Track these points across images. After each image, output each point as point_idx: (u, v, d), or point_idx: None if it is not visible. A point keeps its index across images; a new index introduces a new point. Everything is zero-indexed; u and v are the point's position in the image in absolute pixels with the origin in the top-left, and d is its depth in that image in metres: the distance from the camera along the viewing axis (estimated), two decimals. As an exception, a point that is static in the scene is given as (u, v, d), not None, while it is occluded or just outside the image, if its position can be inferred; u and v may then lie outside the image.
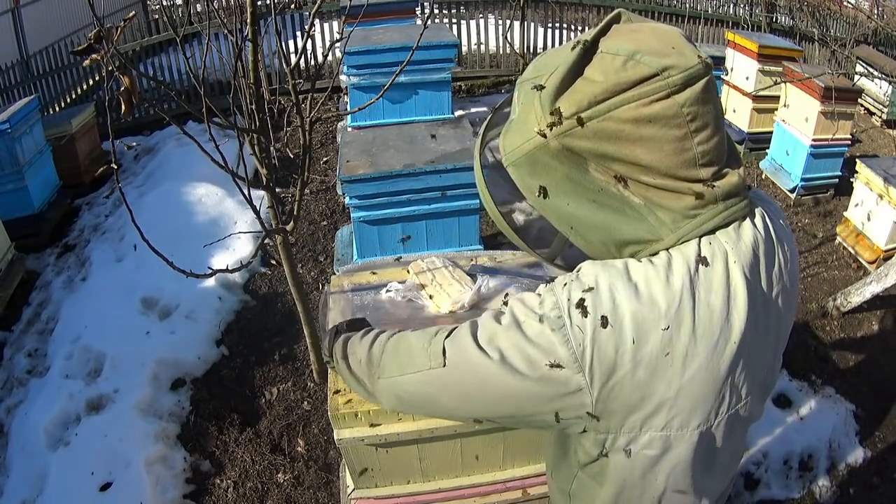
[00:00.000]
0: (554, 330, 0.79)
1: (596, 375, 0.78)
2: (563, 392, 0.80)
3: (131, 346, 3.15)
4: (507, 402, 0.85)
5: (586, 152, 0.78)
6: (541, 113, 0.79)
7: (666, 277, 0.78)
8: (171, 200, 4.34)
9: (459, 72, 6.33)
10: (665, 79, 0.74)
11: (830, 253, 4.28)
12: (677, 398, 0.79)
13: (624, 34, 0.80)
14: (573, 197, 0.81)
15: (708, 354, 0.78)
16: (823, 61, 7.14)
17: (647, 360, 0.77)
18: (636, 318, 0.76)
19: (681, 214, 0.80)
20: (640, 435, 0.82)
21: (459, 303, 1.61)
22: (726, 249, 0.80)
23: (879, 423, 2.97)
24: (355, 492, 1.51)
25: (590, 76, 0.77)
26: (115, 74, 1.53)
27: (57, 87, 5.99)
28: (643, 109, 0.75)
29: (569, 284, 0.81)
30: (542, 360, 0.79)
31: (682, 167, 0.77)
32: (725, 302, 0.79)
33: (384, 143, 3.02)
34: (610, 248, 0.84)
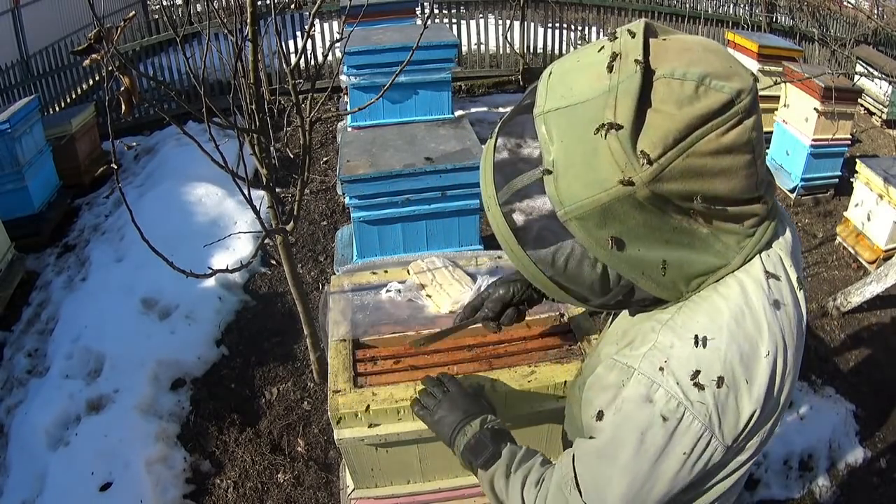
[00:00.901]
0: (679, 418, 0.78)
1: (726, 431, 0.79)
2: (706, 461, 0.81)
3: (131, 346, 3.15)
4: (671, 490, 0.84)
5: (673, 194, 0.72)
6: (623, 157, 0.69)
7: (749, 308, 0.79)
8: (171, 200, 4.34)
9: (459, 72, 6.33)
10: (739, 104, 0.70)
11: (830, 253, 4.28)
12: (779, 406, 0.83)
13: (677, 53, 0.72)
14: (646, 242, 0.75)
15: (795, 355, 0.82)
16: (823, 61, 7.14)
17: (759, 389, 0.78)
18: (743, 362, 0.77)
19: (742, 234, 0.79)
20: (745, 448, 0.84)
21: (459, 303, 1.61)
22: (780, 254, 0.83)
23: (879, 423, 2.97)
24: (355, 492, 1.51)
25: (661, 108, 0.70)
26: (115, 74, 1.53)
27: (57, 87, 5.99)
28: (721, 140, 0.70)
29: (667, 367, 0.78)
30: (679, 453, 0.80)
31: (749, 191, 0.76)
32: (796, 304, 0.83)
33: (384, 143, 3.02)
34: (679, 284, 0.81)
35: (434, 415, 1.17)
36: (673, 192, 0.71)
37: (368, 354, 1.50)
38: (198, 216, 4.23)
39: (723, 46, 0.79)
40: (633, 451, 0.81)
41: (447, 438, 1.13)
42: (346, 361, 1.46)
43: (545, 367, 1.40)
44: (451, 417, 1.13)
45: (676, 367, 0.78)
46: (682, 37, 0.77)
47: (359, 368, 1.47)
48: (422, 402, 1.21)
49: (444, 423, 1.14)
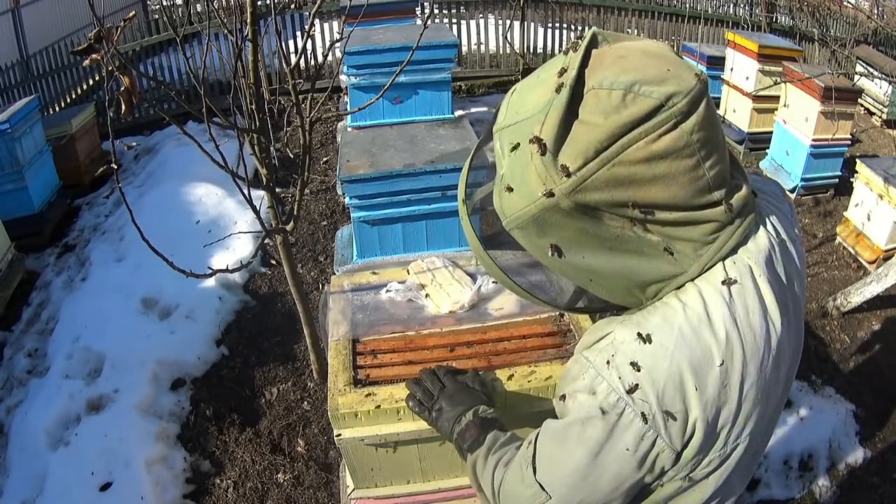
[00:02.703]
0: (619, 414, 0.78)
1: (674, 435, 0.78)
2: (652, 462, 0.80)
3: (131, 346, 3.15)
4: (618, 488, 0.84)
5: (599, 203, 0.72)
6: (544, 171, 0.72)
7: (707, 316, 0.77)
8: (171, 200, 4.34)
9: (459, 72, 6.33)
10: (669, 108, 0.69)
11: (830, 253, 4.28)
12: (736, 418, 0.80)
13: (611, 62, 0.72)
14: (589, 250, 0.77)
15: (757, 370, 0.79)
16: (823, 61, 7.14)
17: (711, 400, 0.77)
18: (693, 367, 0.76)
19: (700, 242, 0.77)
20: (701, 461, 0.82)
21: (459, 303, 1.61)
22: (749, 264, 0.79)
23: (879, 423, 2.97)
24: (355, 492, 1.51)
25: (587, 119, 0.70)
26: (115, 74, 1.53)
27: (57, 87, 6.00)
28: (652, 146, 0.69)
29: (613, 361, 0.79)
30: (621, 449, 0.79)
31: (697, 196, 0.74)
32: (763, 318, 0.79)
33: (384, 143, 3.02)
34: (633, 291, 0.82)
35: (432, 411, 1.19)
36: (599, 201, 0.72)
37: (368, 348, 1.51)
38: (198, 216, 4.23)
39: (668, 49, 0.76)
40: (577, 439, 0.82)
41: (447, 433, 1.15)
42: (346, 361, 1.46)
43: (545, 367, 1.40)
44: (450, 414, 1.16)
45: (621, 363, 0.78)
46: (626, 43, 0.76)
47: (359, 361, 1.47)
48: (417, 397, 1.22)
49: (443, 419, 1.17)
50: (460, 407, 1.15)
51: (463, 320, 1.59)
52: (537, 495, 0.88)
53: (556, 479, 0.87)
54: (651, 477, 0.83)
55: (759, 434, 0.87)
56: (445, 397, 1.19)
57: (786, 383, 0.91)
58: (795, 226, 0.94)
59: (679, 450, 0.79)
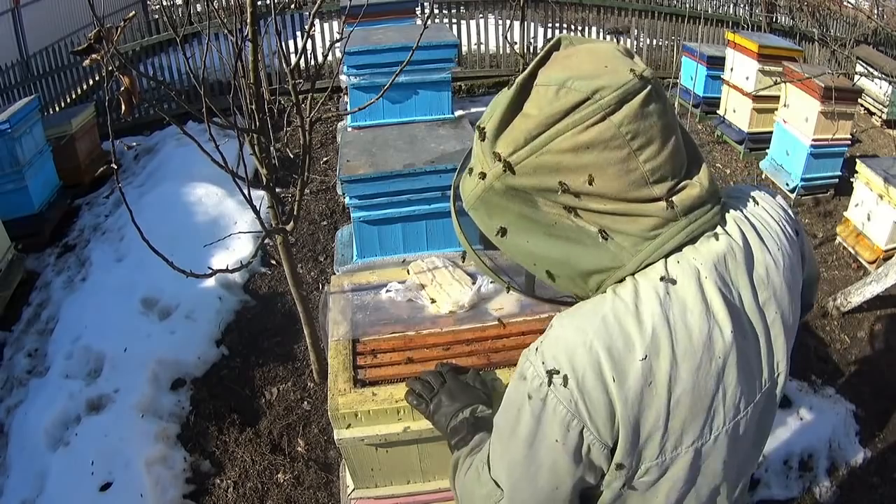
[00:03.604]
0: (543, 400, 0.77)
1: (600, 425, 0.76)
2: (585, 454, 0.79)
3: (131, 346, 3.15)
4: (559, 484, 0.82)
5: (529, 189, 0.77)
6: (481, 156, 0.80)
7: (635, 307, 0.76)
8: (171, 200, 4.34)
9: (459, 72, 6.33)
10: (597, 101, 0.72)
11: (830, 253, 4.28)
12: (667, 424, 0.77)
13: (559, 62, 0.78)
14: (531, 234, 0.81)
15: (691, 375, 0.76)
16: (823, 61, 7.14)
17: (632, 394, 0.75)
18: (611, 355, 0.74)
19: (640, 237, 0.77)
20: (637, 468, 0.80)
21: (459, 303, 1.61)
22: (696, 266, 0.78)
23: (879, 423, 2.97)
24: (355, 492, 1.51)
25: (526, 111, 0.76)
26: (115, 74, 1.53)
27: (57, 87, 6.00)
28: (579, 137, 0.73)
29: (540, 347, 0.79)
30: (552, 440, 0.78)
31: (632, 188, 0.75)
32: (704, 319, 0.76)
33: (384, 143, 3.02)
34: (575, 279, 0.83)
35: (430, 404, 1.20)
36: (528, 186, 0.77)
37: (368, 348, 1.51)
38: (198, 216, 4.23)
39: (618, 49, 0.79)
40: (512, 431, 0.82)
41: (443, 428, 1.16)
42: (346, 361, 1.46)
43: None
44: (447, 409, 1.17)
45: (546, 348, 0.78)
46: (582, 46, 0.81)
47: (359, 361, 1.47)
48: (416, 391, 1.24)
49: (441, 415, 1.17)
50: (458, 403, 1.16)
51: (463, 320, 1.59)
52: (492, 493, 0.88)
53: (503, 475, 0.86)
54: (592, 476, 0.81)
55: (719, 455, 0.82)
56: (445, 392, 1.20)
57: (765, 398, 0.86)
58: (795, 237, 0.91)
59: (610, 445, 0.77)
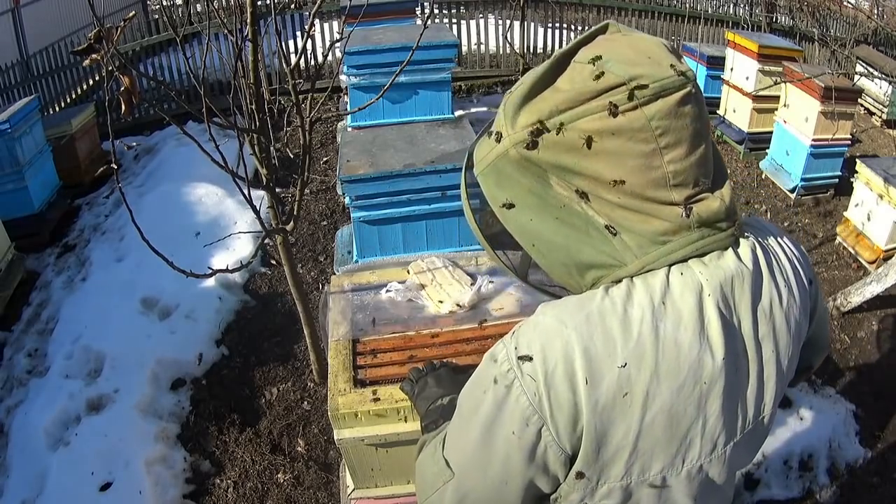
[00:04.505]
0: (508, 387, 0.72)
1: (560, 426, 0.71)
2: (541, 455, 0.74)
3: (131, 346, 3.15)
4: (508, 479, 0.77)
5: (545, 164, 0.73)
6: (503, 121, 0.76)
7: (623, 310, 0.71)
8: (171, 200, 4.34)
9: (459, 72, 6.33)
10: (632, 88, 0.69)
11: (830, 253, 4.28)
12: (637, 442, 0.72)
13: (601, 44, 0.75)
14: (537, 212, 0.77)
15: (672, 395, 0.71)
16: (823, 61, 7.14)
17: (603, 402, 0.70)
18: (588, 355, 0.69)
19: (648, 239, 0.73)
20: (598, 488, 0.75)
21: (459, 303, 1.61)
22: (700, 281, 0.73)
23: (879, 423, 2.97)
24: (355, 492, 1.51)
25: (559, 85, 0.73)
26: (115, 74, 1.53)
27: (57, 87, 6.00)
28: (608, 121, 0.69)
29: (517, 331, 0.75)
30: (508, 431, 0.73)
31: (650, 187, 0.71)
32: (697, 338, 0.71)
33: (384, 143, 3.02)
34: (571, 270, 0.79)
35: (415, 389, 1.20)
36: (542, 160, 0.73)
37: (368, 347, 1.51)
38: (198, 216, 4.23)
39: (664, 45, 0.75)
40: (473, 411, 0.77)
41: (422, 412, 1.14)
42: (346, 361, 1.46)
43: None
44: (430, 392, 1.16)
45: (522, 334, 0.74)
46: (629, 34, 0.78)
47: (359, 361, 1.47)
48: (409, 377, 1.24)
49: (423, 398, 1.17)
50: (441, 390, 1.15)
51: (463, 320, 1.59)
52: (442, 472, 0.83)
53: (456, 455, 0.82)
54: (545, 481, 0.76)
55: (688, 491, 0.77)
56: (433, 376, 1.20)
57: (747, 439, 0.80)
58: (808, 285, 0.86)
59: (569, 452, 0.73)
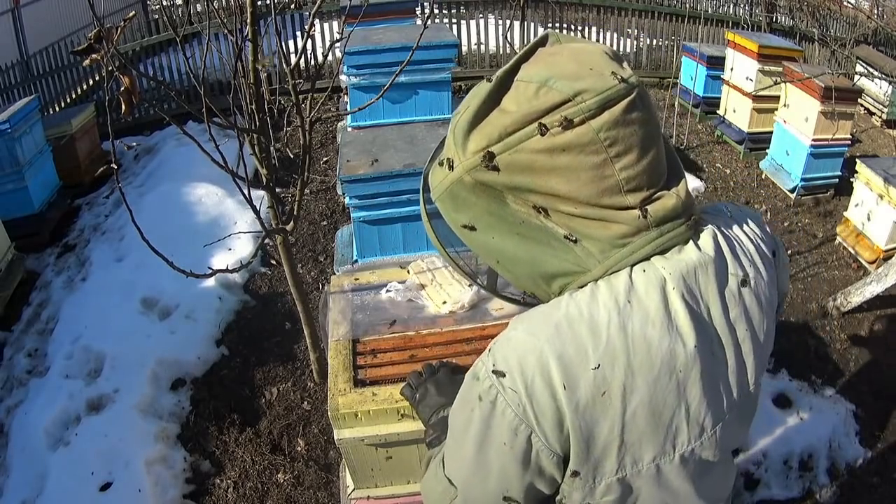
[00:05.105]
0: (492, 402, 0.75)
1: (548, 432, 0.74)
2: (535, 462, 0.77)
3: (131, 346, 3.15)
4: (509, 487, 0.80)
5: (500, 185, 0.75)
6: (453, 148, 0.77)
7: (590, 314, 0.74)
8: (171, 200, 4.34)
9: (459, 72, 6.32)
10: (577, 104, 0.70)
11: (830, 253, 4.28)
12: (623, 436, 0.75)
13: (543, 59, 0.76)
14: (497, 231, 0.79)
15: (649, 388, 0.74)
16: (823, 61, 7.14)
17: (583, 403, 0.73)
18: (562, 362, 0.72)
19: (609, 244, 0.75)
20: (596, 485, 0.78)
21: (459, 303, 1.61)
22: (663, 275, 0.75)
23: (879, 423, 2.97)
24: (355, 492, 1.51)
25: (504, 107, 0.74)
26: (115, 74, 1.53)
27: (57, 87, 5.99)
28: (556, 138, 0.70)
29: (493, 348, 0.77)
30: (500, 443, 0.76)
31: (605, 195, 0.73)
32: (665, 331, 0.74)
33: (384, 143, 3.02)
34: (537, 281, 0.81)
35: (416, 396, 1.20)
36: (497, 182, 0.75)
37: (368, 347, 1.51)
38: (198, 216, 4.23)
39: (605, 51, 0.76)
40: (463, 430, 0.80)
41: (425, 421, 1.15)
42: (346, 361, 1.46)
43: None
44: (432, 401, 1.16)
45: (497, 350, 0.77)
46: (567, 45, 0.79)
47: (359, 361, 1.47)
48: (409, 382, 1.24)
49: (425, 406, 1.17)
50: (443, 399, 1.15)
51: (463, 320, 1.59)
52: (447, 490, 0.86)
53: (456, 473, 0.85)
54: (543, 483, 0.79)
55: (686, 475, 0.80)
56: (433, 382, 1.19)
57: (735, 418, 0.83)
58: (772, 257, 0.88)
59: (560, 454, 0.76)
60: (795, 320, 3.60)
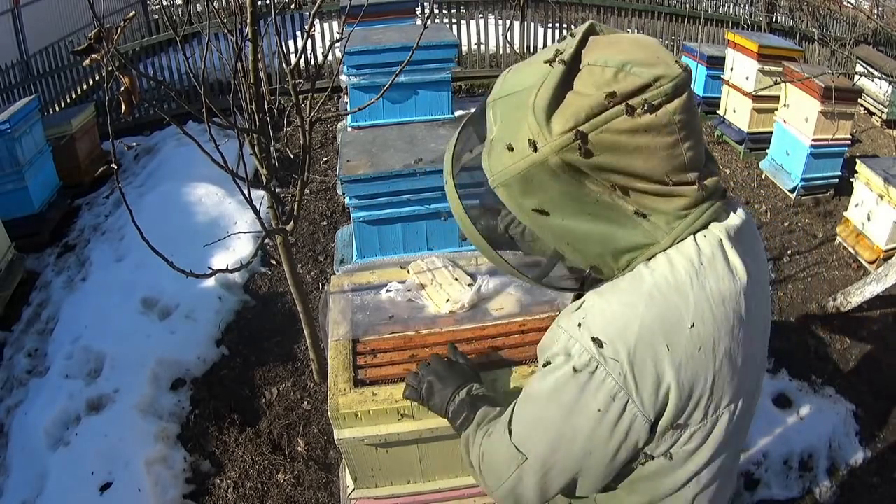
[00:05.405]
0: (591, 373, 0.80)
1: (645, 399, 0.80)
2: (626, 428, 0.82)
3: (131, 346, 3.15)
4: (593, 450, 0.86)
5: (586, 166, 0.77)
6: (537, 129, 0.77)
7: (675, 279, 0.81)
8: (171, 200, 4.34)
9: (459, 72, 6.33)
10: (657, 88, 0.76)
11: (830, 253, 4.28)
12: (713, 386, 0.82)
13: (607, 46, 0.81)
14: (569, 212, 0.81)
15: (729, 338, 0.82)
16: (823, 61, 7.14)
17: (684, 361, 0.80)
18: (663, 326, 0.79)
19: (673, 216, 0.82)
20: (682, 434, 0.84)
21: (459, 303, 1.61)
22: (720, 237, 0.84)
23: (879, 423, 2.97)
24: (355, 492, 1.51)
25: (580, 90, 0.77)
26: (115, 74, 1.53)
27: (57, 87, 5.99)
28: (639, 119, 0.75)
29: (584, 323, 0.82)
30: (593, 409, 0.81)
31: (673, 172, 0.79)
32: (733, 285, 0.83)
33: (384, 143, 3.02)
34: (607, 259, 0.85)
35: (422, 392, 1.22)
36: (584, 162, 0.77)
37: (368, 347, 1.51)
38: (198, 216, 4.23)
39: (656, 42, 0.83)
40: (550, 399, 0.85)
41: (442, 413, 1.19)
42: (346, 361, 1.46)
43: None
44: (442, 392, 1.19)
45: (592, 324, 0.82)
46: (620, 35, 0.84)
47: (359, 361, 1.47)
48: (409, 384, 1.26)
49: (436, 399, 1.20)
50: (452, 386, 1.18)
51: (463, 320, 1.59)
52: (514, 458, 0.91)
53: (531, 440, 0.89)
54: (626, 451, 0.84)
55: (739, 416, 0.87)
56: (432, 375, 1.22)
57: (760, 363, 0.93)
58: None
59: (653, 419, 0.81)
60: (795, 320, 3.60)
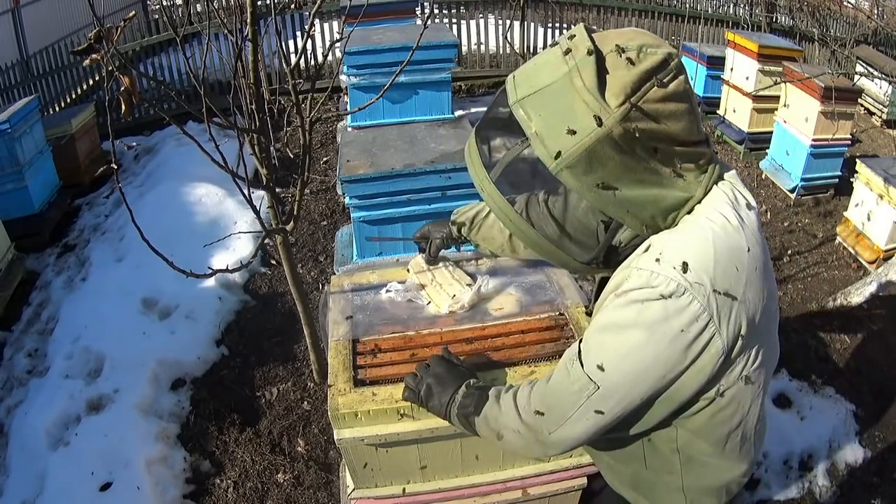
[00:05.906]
0: (678, 297, 0.88)
1: (722, 318, 0.89)
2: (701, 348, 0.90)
3: (131, 346, 3.15)
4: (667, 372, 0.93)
5: (640, 133, 0.87)
6: (597, 105, 0.86)
7: (721, 217, 0.93)
8: (171, 200, 4.34)
9: (459, 72, 6.33)
10: (671, 62, 0.89)
11: (830, 253, 4.28)
12: (766, 303, 0.94)
13: (616, 36, 0.92)
14: (626, 181, 0.90)
15: (768, 259, 0.98)
16: (823, 61, 7.14)
17: (751, 279, 0.92)
18: (732, 253, 0.91)
19: (698, 171, 0.95)
20: (750, 353, 0.95)
21: (459, 303, 1.61)
22: (733, 183, 0.99)
23: (879, 423, 2.97)
24: (355, 492, 1.51)
25: (615, 72, 0.88)
26: (115, 74, 1.53)
27: (57, 87, 5.99)
28: (667, 89, 0.88)
29: (662, 258, 0.91)
30: (676, 329, 0.89)
31: (693, 134, 0.92)
32: (755, 217, 0.98)
33: (384, 143, 3.02)
34: (657, 219, 0.95)
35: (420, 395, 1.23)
36: (639, 129, 0.87)
37: (368, 347, 1.51)
38: (198, 216, 4.23)
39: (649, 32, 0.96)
40: (633, 322, 0.91)
41: (443, 415, 1.20)
42: (346, 361, 1.46)
43: (545, 367, 1.41)
44: (441, 395, 1.20)
45: (672, 257, 0.91)
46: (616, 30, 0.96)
47: (359, 361, 1.47)
48: (408, 386, 1.27)
49: (434, 402, 1.21)
50: (450, 388, 1.20)
51: (463, 320, 1.59)
52: (584, 387, 0.96)
53: (609, 366, 0.94)
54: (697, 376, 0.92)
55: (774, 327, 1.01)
56: (430, 375, 1.23)
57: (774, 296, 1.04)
58: None
59: (728, 345, 0.91)
60: (795, 320, 3.60)
